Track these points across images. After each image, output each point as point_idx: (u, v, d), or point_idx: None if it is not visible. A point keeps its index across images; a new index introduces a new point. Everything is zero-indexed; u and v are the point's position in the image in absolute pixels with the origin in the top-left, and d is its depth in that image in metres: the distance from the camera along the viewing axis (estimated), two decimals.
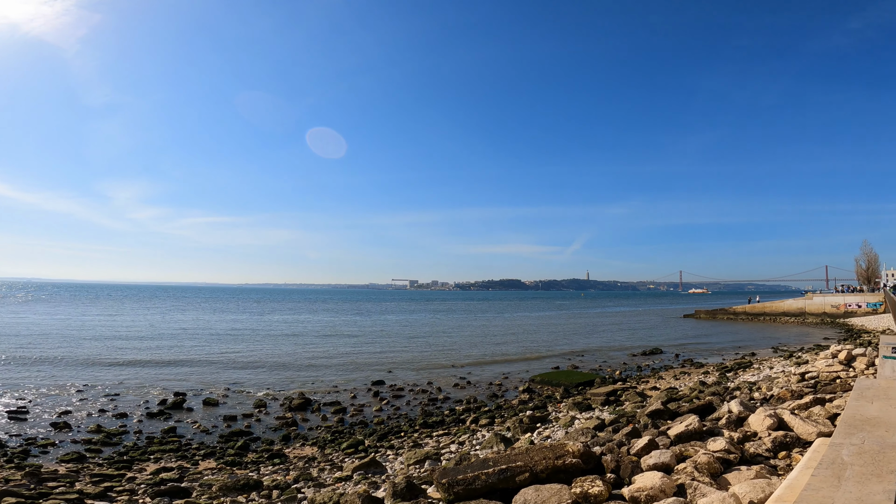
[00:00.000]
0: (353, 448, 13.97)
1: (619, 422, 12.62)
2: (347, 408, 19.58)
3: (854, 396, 4.41)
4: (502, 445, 12.04)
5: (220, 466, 12.76)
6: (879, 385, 4.75)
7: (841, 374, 11.87)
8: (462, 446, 13.42)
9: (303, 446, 14.87)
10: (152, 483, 11.13)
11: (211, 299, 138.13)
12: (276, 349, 37.12)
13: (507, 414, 17.58)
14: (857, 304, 56.41)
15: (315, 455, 13.76)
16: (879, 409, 3.87)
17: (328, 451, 14.15)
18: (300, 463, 13.08)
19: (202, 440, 15.46)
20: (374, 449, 13.98)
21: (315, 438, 15.58)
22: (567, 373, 25.33)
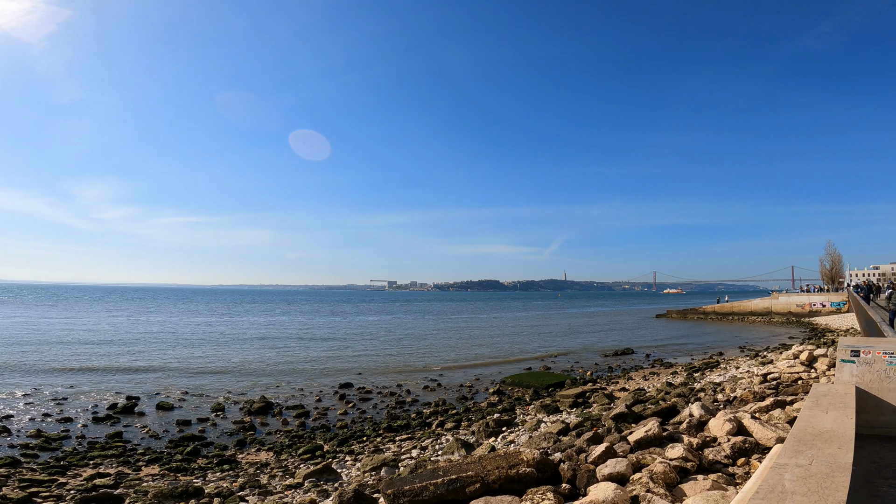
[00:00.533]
0: (309, 454, 13.41)
1: (584, 426, 12.36)
2: (311, 411, 18.94)
3: (808, 405, 4.12)
4: (463, 451, 11.65)
5: (163, 472, 12.08)
6: (836, 391, 4.48)
7: (802, 374, 11.86)
8: (424, 451, 12.98)
9: (258, 452, 14.25)
10: (83, 489, 10.45)
11: (181, 301, 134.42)
12: (243, 352, 36.07)
13: (474, 417, 17.21)
14: (822, 303, 58.05)
15: (269, 461, 13.16)
16: (834, 420, 3.58)
17: (284, 456, 13.57)
18: (251, 469, 12.47)
19: (149, 445, 14.76)
20: (332, 454, 13.44)
21: (272, 443, 14.97)
22: (538, 374, 25.13)
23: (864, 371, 4.92)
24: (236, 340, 42.96)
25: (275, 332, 51.17)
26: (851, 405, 4.04)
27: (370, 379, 25.62)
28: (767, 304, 61.61)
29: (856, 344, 5.24)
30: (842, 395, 4.37)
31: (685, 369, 25.23)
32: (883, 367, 4.86)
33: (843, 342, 5.46)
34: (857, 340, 5.67)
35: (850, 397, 4.31)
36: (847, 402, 4.11)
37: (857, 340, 5.67)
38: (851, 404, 4.08)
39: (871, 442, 4.71)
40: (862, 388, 4.91)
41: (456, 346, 40.69)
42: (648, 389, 18.79)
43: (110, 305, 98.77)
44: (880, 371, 4.86)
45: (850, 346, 5.12)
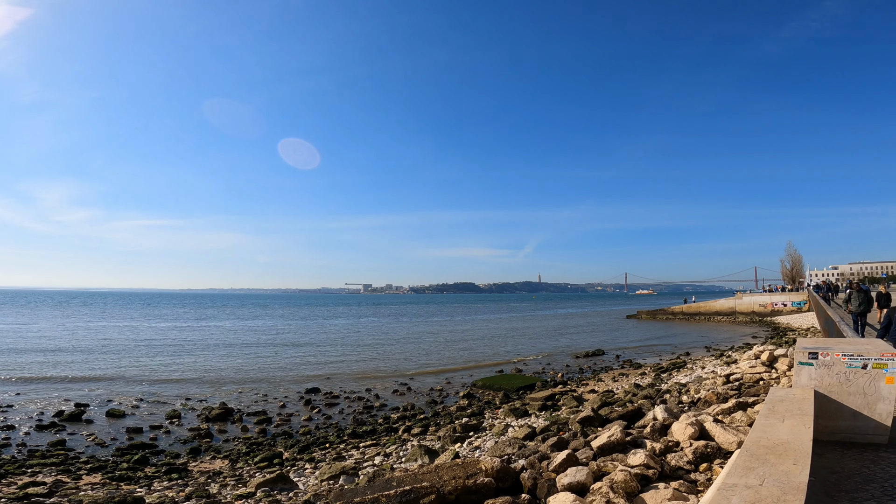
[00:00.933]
0: (266, 462, 12.81)
1: (550, 430, 12.15)
2: (273, 417, 18.28)
3: (764, 412, 3.91)
4: (426, 458, 11.27)
5: (104, 481, 11.36)
6: (794, 396, 4.29)
7: (763, 375, 11.95)
8: (388, 458, 12.55)
9: (213, 460, 13.59)
10: (15, 498, 9.68)
11: (145, 305, 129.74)
12: (205, 358, 34.86)
13: (442, 421, 16.86)
14: (783, 303, 59.95)
15: (223, 469, 12.51)
16: (790, 429, 3.37)
17: (240, 464, 12.94)
18: (202, 478, 11.81)
19: (94, 453, 14.00)
20: (291, 462, 12.88)
21: (228, 451, 14.32)
22: (509, 377, 24.96)
23: (823, 374, 4.77)
24: (199, 346, 41.52)
25: (241, 337, 49.79)
26: (809, 412, 3.85)
27: (339, 384, 24.99)
28: (732, 304, 63.29)
29: (814, 346, 5.10)
30: (799, 401, 4.18)
31: (653, 370, 25.47)
32: (842, 369, 4.71)
33: (801, 344, 5.31)
34: (815, 342, 5.55)
35: (808, 403, 4.13)
36: (805, 409, 3.92)
37: (815, 342, 5.55)
38: (809, 411, 3.89)
39: (832, 449, 4.56)
40: (821, 392, 4.76)
41: (428, 349, 40.29)
42: (617, 391, 18.79)
43: (69, 311, 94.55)
44: (839, 374, 4.72)
45: (807, 348, 4.96)
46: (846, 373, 4.72)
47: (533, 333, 54.10)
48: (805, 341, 5.53)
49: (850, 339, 5.64)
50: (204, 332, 54.29)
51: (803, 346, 5.12)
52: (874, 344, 5.02)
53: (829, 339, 5.63)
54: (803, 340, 5.59)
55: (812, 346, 5.11)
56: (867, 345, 4.99)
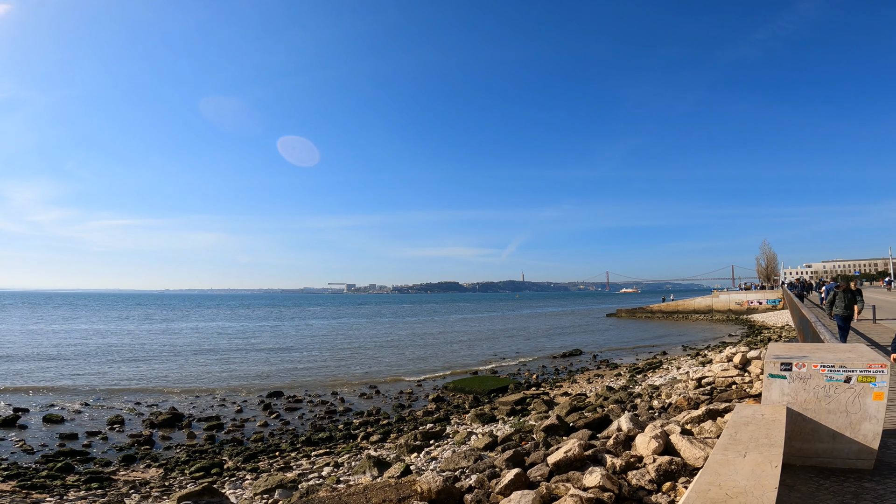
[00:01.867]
0: (203, 471, 11.79)
1: (512, 439, 11.34)
2: (226, 423, 17.16)
3: (723, 442, 3.11)
4: (375, 470, 10.37)
5: (14, 490, 10.25)
6: (762, 418, 3.50)
7: (736, 379, 11.34)
8: (338, 469, 11.60)
9: (147, 468, 12.50)
10: None
11: (118, 307, 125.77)
12: (168, 361, 33.46)
13: (406, 427, 15.97)
14: (758, 301, 60.45)
15: (152, 479, 11.44)
16: (752, 470, 2.58)
17: (174, 474, 11.90)
18: (125, 488, 10.76)
19: (18, 460, 12.87)
20: (231, 472, 11.87)
21: (166, 459, 13.22)
22: (482, 379, 24.15)
23: (798, 389, 4.01)
24: (162, 350, 39.94)
25: (210, 339, 48.18)
26: (779, 441, 3.07)
27: (306, 387, 23.90)
28: (709, 303, 63.65)
29: (787, 354, 4.33)
30: (768, 425, 3.40)
31: (629, 370, 24.95)
32: (821, 383, 3.96)
33: (773, 351, 4.54)
34: (788, 348, 4.78)
35: (778, 428, 3.35)
36: (773, 437, 3.13)
37: (788, 348, 4.78)
38: (779, 439, 3.10)
39: (806, 478, 3.80)
40: (795, 410, 4.00)
41: (404, 350, 39.34)
42: (589, 394, 18.11)
43: (38, 313, 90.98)
44: (818, 389, 3.96)
45: (779, 357, 4.18)
46: (825, 387, 3.96)
47: (512, 333, 53.50)
48: (777, 348, 4.75)
49: (829, 345, 4.88)
50: (171, 335, 52.47)
51: (775, 354, 4.34)
52: (858, 351, 4.28)
53: (804, 346, 4.86)
54: (775, 346, 4.82)
55: (785, 354, 4.33)
56: (850, 352, 4.25)
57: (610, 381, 22.23)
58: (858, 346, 4.61)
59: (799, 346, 4.84)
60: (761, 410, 3.78)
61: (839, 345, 4.85)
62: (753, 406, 3.95)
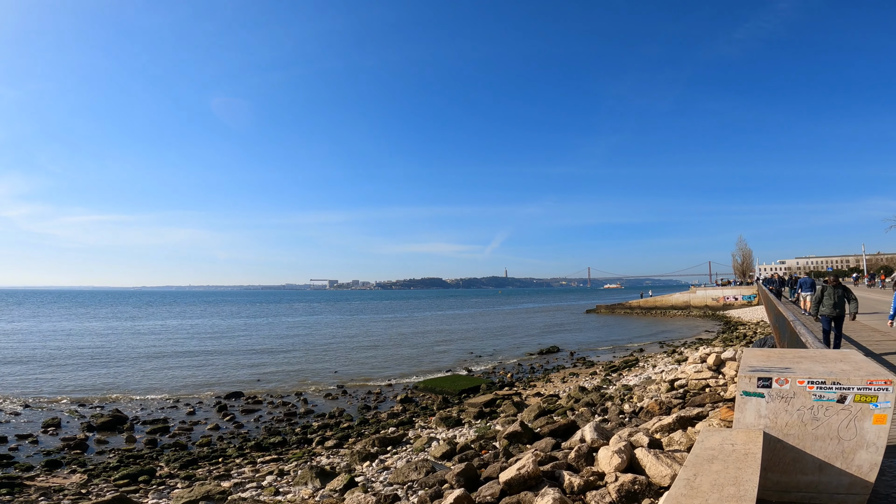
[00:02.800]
0: (129, 478, 10.78)
1: (471, 448, 10.49)
2: (173, 426, 16.03)
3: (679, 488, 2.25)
4: (318, 481, 9.45)
5: None
6: (732, 449, 2.67)
7: (710, 381, 10.71)
8: (282, 477, 10.64)
9: (72, 474, 11.41)
10: None
11: (87, 304, 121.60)
12: (128, 358, 31.95)
13: (367, 431, 15.07)
14: (734, 296, 60.96)
15: (70, 486, 10.38)
16: None
17: (97, 480, 10.87)
18: (36, 495, 9.71)
19: None
20: (161, 480, 10.88)
21: (95, 465, 12.12)
22: (453, 378, 23.30)
23: (779, 410, 3.22)
24: (126, 348, 38.35)
25: (177, 338, 46.51)
26: (750, 491, 2.23)
27: (269, 388, 22.78)
28: (686, 298, 64.00)
29: (766, 365, 3.53)
30: (738, 463, 2.58)
31: (604, 369, 24.39)
32: (807, 403, 3.17)
33: (749, 360, 3.73)
34: (766, 357, 3.97)
35: (750, 467, 2.53)
36: (743, 484, 2.31)
37: (766, 357, 3.97)
38: (751, 488, 2.27)
39: None
40: (774, 437, 3.20)
41: (378, 348, 38.34)
42: (562, 395, 17.39)
43: None
44: (803, 410, 3.17)
45: (756, 370, 3.37)
46: (813, 409, 3.17)
47: (491, 330, 52.85)
48: (753, 356, 3.93)
49: (815, 353, 4.09)
50: (136, 334, 50.59)
51: (750, 365, 3.53)
52: (853, 361, 3.49)
53: (785, 353, 4.06)
54: (751, 354, 4.01)
55: (763, 365, 3.52)
56: (842, 362, 3.46)
57: (585, 379, 21.61)
58: (851, 355, 3.83)
59: (780, 353, 4.05)
60: (731, 438, 2.98)
61: (828, 352, 4.06)
62: (722, 432, 3.13)
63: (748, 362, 3.70)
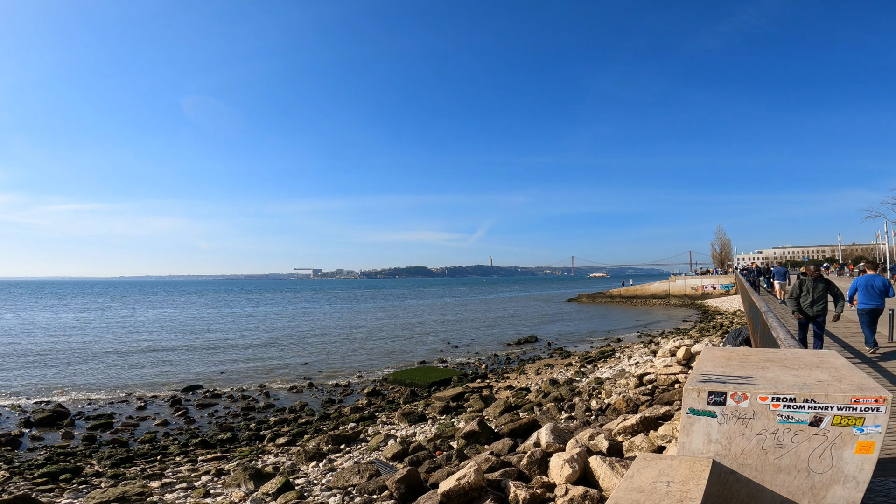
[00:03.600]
0: (48, 477, 9.95)
1: (425, 448, 9.78)
2: (117, 422, 15.09)
3: None
4: (251, 484, 8.67)
5: None
6: (667, 489, 1.92)
7: (680, 377, 10.15)
8: (220, 477, 9.84)
9: None
10: None
11: (59, 295, 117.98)
12: (90, 351, 30.70)
13: (325, 427, 14.33)
14: (713, 286, 61.37)
15: None
16: None
17: (16, 479, 10.00)
18: None
19: None
20: (85, 479, 10.04)
21: (22, 462, 11.21)
22: (424, 370, 22.62)
23: (734, 434, 2.48)
24: (90, 340, 37.01)
25: (146, 329, 45.15)
26: None
27: (232, 381, 21.84)
28: (666, 287, 64.28)
29: (721, 374, 2.80)
30: None
31: (581, 360, 23.93)
32: (770, 425, 2.45)
33: (702, 366, 3.01)
34: (726, 359, 3.25)
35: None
36: None
37: (726, 359, 3.25)
38: None
39: None
40: (726, 467, 2.48)
41: (353, 337, 37.52)
42: (532, 389, 16.80)
43: None
44: (765, 435, 2.44)
45: (709, 379, 2.64)
46: (777, 433, 2.46)
47: (471, 318, 52.36)
48: (710, 359, 3.20)
49: (787, 354, 3.37)
50: (105, 326, 49.00)
51: (704, 372, 2.80)
52: (833, 367, 2.75)
53: (750, 355, 3.34)
54: (708, 356, 3.28)
55: (720, 372, 2.80)
56: (819, 369, 2.74)
57: (560, 371, 21.11)
58: (831, 357, 3.11)
59: (743, 355, 3.34)
60: (669, 473, 2.25)
61: (802, 354, 3.35)
62: (659, 463, 2.40)
63: (702, 368, 2.97)
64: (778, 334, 5.24)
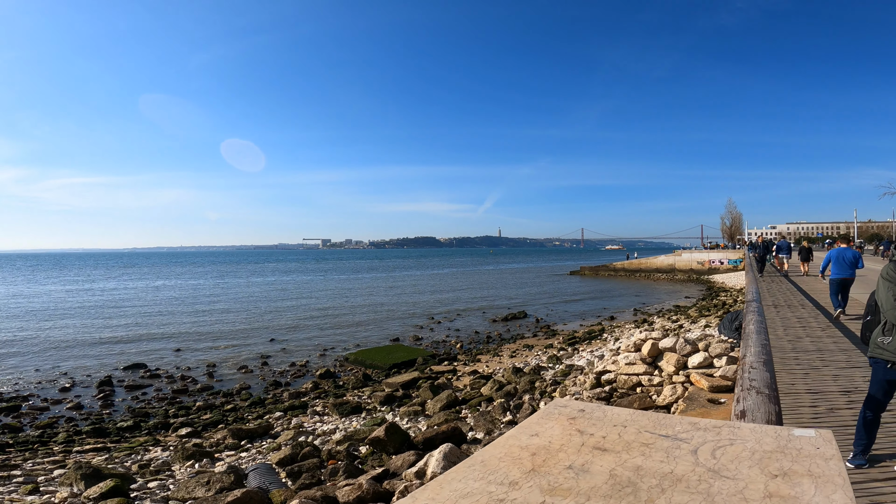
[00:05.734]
0: None
1: (317, 455, 7.88)
2: (23, 405, 13.58)
3: None
4: (82, 484, 7.01)
5: None
6: None
7: (643, 378, 8.09)
8: (81, 470, 8.11)
9: None
10: None
11: (57, 267, 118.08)
12: (45, 324, 29.43)
13: (250, 415, 12.68)
14: (720, 260, 58.65)
15: None
16: None
17: None
18: None
19: None
20: None
21: None
22: (389, 349, 20.79)
23: None
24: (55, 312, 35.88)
25: (121, 302, 43.99)
26: None
27: (181, 358, 20.27)
28: (671, 261, 61.74)
29: None
30: None
31: (564, 340, 21.96)
32: None
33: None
34: (516, 457, 1.10)
35: None
36: None
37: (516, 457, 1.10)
38: None
39: None
40: None
41: (335, 311, 35.87)
42: (495, 375, 14.82)
43: None
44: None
45: None
46: None
47: (464, 290, 50.53)
48: (471, 468, 1.06)
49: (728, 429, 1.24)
50: (84, 297, 47.98)
51: None
52: None
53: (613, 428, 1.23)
54: (477, 462, 1.16)
55: None
56: None
57: (535, 354, 19.20)
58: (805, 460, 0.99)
59: (587, 429, 1.26)
60: None
61: (746, 432, 1.22)
62: None
63: None
64: (749, 347, 3.08)
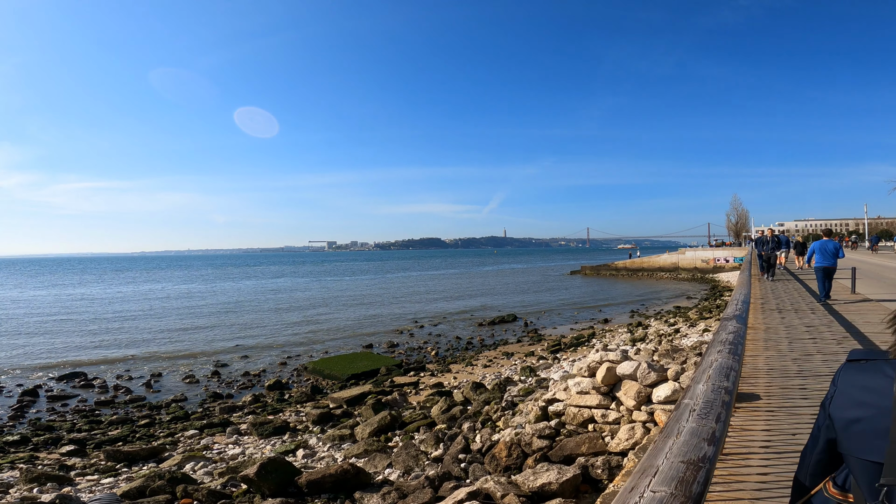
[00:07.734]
0: None
1: (169, 490, 6.00)
2: None
3: None
4: None
5: None
6: None
7: (596, 413, 6.17)
8: None
9: None
10: None
11: (56, 272, 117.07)
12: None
13: (161, 432, 10.93)
14: (725, 258, 56.35)
15: None
16: None
17: None
18: None
19: None
20: None
21: None
22: (352, 357, 18.92)
23: None
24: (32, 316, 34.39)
25: (101, 306, 42.49)
26: None
27: (129, 366, 18.64)
28: (675, 260, 59.51)
29: None
30: None
31: (548, 347, 20.01)
32: None
33: None
34: None
35: None
36: None
37: None
38: None
39: None
40: None
41: (312, 316, 34.14)
42: (455, 393, 12.85)
43: None
44: None
45: None
46: None
47: (456, 292, 48.62)
48: None
49: None
50: (70, 301, 46.58)
51: None
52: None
53: None
54: None
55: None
56: None
57: (512, 365, 17.27)
58: None
59: None
60: None
61: None
62: None
63: None
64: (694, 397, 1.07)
